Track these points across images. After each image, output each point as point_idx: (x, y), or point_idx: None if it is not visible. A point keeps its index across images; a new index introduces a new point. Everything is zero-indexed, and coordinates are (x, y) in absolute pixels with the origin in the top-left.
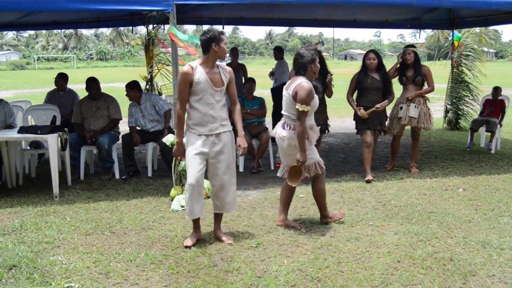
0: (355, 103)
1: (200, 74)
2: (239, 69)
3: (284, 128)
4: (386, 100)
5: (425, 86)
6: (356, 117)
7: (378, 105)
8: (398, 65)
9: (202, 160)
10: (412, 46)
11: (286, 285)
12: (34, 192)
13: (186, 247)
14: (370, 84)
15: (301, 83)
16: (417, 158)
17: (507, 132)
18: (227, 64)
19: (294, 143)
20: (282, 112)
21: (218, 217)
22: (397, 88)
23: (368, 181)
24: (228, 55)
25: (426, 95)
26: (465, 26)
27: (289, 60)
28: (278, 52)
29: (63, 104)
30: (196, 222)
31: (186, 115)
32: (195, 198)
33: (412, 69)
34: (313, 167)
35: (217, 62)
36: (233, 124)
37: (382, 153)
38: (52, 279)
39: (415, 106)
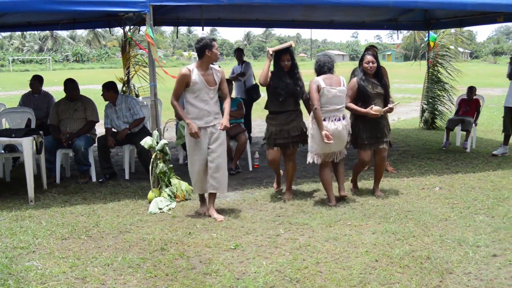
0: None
1: (196, 75)
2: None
3: (344, 119)
4: (396, 103)
5: None
6: (359, 128)
7: (391, 105)
8: None
9: (203, 150)
10: (374, 46)
11: (265, 286)
12: (8, 196)
13: (199, 214)
14: (372, 90)
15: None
16: (390, 157)
17: (482, 131)
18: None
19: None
20: (336, 107)
21: (212, 196)
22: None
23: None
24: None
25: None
26: (441, 27)
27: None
28: (242, 54)
29: (38, 106)
30: (202, 196)
31: (184, 110)
32: (202, 179)
33: None
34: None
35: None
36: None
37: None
38: (28, 285)
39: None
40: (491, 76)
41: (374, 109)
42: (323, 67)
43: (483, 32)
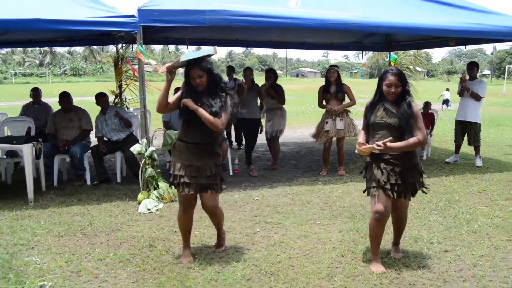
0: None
1: None
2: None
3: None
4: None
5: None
6: (372, 168)
7: (379, 143)
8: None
9: None
10: (335, 66)
11: (243, 279)
12: (10, 197)
13: None
14: (379, 119)
15: None
16: (343, 162)
17: (436, 141)
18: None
19: None
20: None
21: None
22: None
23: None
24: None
25: (348, 109)
26: (401, 49)
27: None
28: (233, 71)
29: (38, 116)
30: None
31: None
32: None
33: (334, 86)
34: None
35: None
36: None
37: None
38: (27, 278)
39: (340, 119)
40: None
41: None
42: None
43: (438, 54)
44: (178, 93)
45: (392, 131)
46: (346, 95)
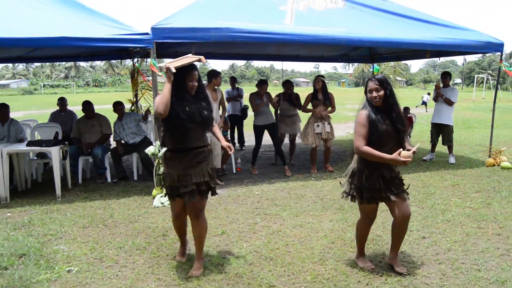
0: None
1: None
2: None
3: None
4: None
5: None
6: (368, 179)
7: (415, 149)
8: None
9: None
10: (322, 76)
11: (245, 263)
12: (40, 194)
13: None
14: (387, 127)
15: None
16: (329, 160)
17: (414, 142)
18: None
19: None
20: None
21: None
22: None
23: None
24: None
25: (330, 115)
26: (382, 61)
27: (246, 86)
28: (235, 81)
29: (64, 122)
30: None
31: None
32: None
33: (321, 94)
34: None
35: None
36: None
37: (320, 159)
38: (56, 264)
39: (328, 124)
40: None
41: (403, 153)
42: None
43: (415, 65)
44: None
45: (396, 139)
46: (330, 103)
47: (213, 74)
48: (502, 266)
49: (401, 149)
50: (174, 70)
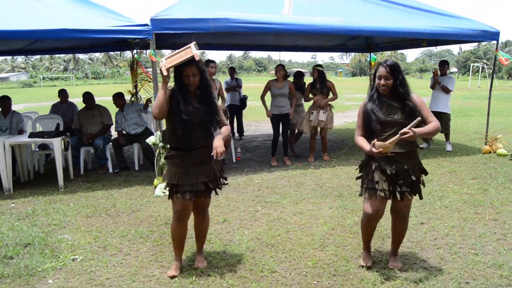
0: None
1: None
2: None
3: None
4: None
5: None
6: (370, 168)
7: (406, 129)
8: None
9: None
10: (319, 66)
11: (247, 250)
12: (43, 185)
13: None
14: (385, 116)
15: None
16: (326, 149)
17: None
18: None
19: None
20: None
21: None
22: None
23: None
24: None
25: (331, 103)
26: (379, 50)
27: (244, 76)
28: (234, 72)
29: (65, 114)
30: None
31: None
32: None
33: (319, 83)
34: None
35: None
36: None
37: (319, 147)
38: (60, 253)
39: (324, 112)
40: (418, 88)
41: (377, 144)
42: None
43: (412, 54)
44: (168, 93)
45: (400, 127)
46: (330, 91)
47: (205, 64)
48: (499, 250)
49: (375, 140)
50: (165, 73)
